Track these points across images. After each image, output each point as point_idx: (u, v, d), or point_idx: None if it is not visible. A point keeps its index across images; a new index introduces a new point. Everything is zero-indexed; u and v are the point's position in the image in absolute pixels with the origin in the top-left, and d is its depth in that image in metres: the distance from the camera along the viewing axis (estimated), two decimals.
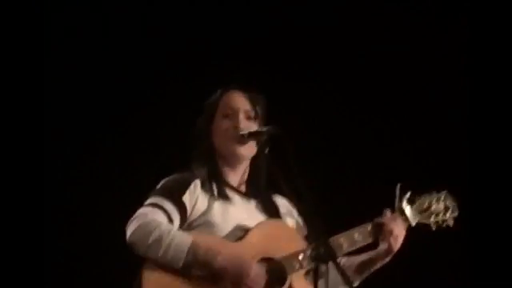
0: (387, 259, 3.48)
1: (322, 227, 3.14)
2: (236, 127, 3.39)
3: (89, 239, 4.72)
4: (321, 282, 3.07)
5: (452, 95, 4.50)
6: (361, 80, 4.99)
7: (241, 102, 3.45)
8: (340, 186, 4.82)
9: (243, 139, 3.36)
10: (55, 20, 4.55)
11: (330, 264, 3.13)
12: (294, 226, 3.49)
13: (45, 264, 4.02)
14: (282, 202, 3.55)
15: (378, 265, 3.49)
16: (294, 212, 3.55)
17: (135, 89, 4.89)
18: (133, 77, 4.88)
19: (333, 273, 3.19)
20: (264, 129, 3.33)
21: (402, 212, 3.51)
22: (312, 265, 3.27)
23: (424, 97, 4.87)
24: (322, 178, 4.59)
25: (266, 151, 3.30)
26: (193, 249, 3.16)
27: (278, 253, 3.30)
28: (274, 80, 4.71)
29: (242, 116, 3.42)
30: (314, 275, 3.05)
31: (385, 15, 4.93)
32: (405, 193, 3.53)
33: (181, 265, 3.16)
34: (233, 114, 3.42)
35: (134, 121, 4.89)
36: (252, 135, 3.35)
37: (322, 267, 3.09)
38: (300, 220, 3.52)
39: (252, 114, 3.44)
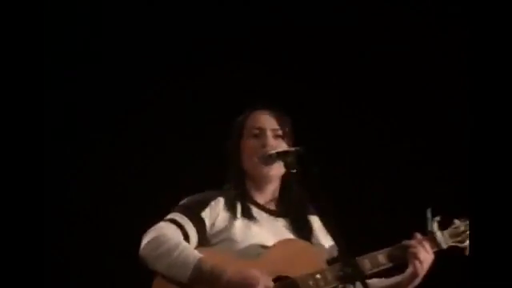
0: (415, 283, 3.40)
1: (347, 247, 3.10)
2: (264, 146, 3.38)
3: (93, 249, 4.73)
4: None
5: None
6: (390, 103, 4.92)
7: (268, 121, 3.45)
8: (372, 209, 4.74)
9: (271, 159, 3.35)
10: (55, 20, 4.59)
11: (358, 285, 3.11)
12: (326, 248, 3.43)
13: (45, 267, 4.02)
14: (318, 223, 3.50)
15: None
16: (328, 234, 3.46)
17: (140, 89, 4.88)
18: (157, 84, 4.88)
19: None
20: (292, 149, 3.31)
21: (432, 235, 3.43)
22: (330, 285, 3.23)
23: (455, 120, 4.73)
24: (353, 200, 4.52)
25: (294, 171, 3.25)
26: (199, 264, 3.14)
27: (295, 272, 3.25)
28: (301, 100, 4.67)
29: (269, 134, 3.42)
30: None
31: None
32: (435, 216, 3.45)
33: (186, 280, 3.14)
34: (260, 134, 3.42)
35: (139, 119, 4.89)
36: (280, 155, 3.32)
37: (350, 287, 3.07)
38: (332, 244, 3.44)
39: (279, 132, 3.44)
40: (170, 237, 3.20)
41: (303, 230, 3.44)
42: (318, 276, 3.24)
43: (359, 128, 4.88)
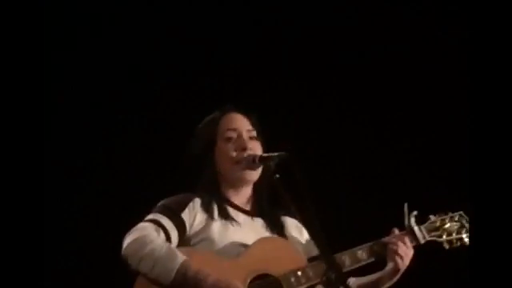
0: (395, 278, 3.43)
1: (329, 248, 3.09)
2: (244, 149, 3.35)
3: (85, 250, 4.72)
4: None
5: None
6: (369, 100, 4.96)
7: (242, 122, 3.43)
8: (350, 205, 4.76)
9: (254, 164, 3.33)
10: (56, 20, 4.60)
11: None
12: (302, 246, 3.45)
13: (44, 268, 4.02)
14: (290, 222, 3.51)
15: (387, 284, 3.44)
16: (304, 232, 3.51)
17: (140, 89, 4.88)
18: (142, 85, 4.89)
19: None
20: (275, 154, 3.25)
21: (410, 230, 3.46)
22: (311, 282, 3.25)
23: (439, 117, 4.81)
24: (329, 196, 4.53)
25: (277, 176, 3.19)
26: (183, 268, 3.12)
27: (277, 269, 3.25)
28: (267, 97, 4.68)
29: (245, 136, 3.39)
30: None
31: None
32: (412, 211, 3.48)
33: (169, 283, 3.12)
34: (237, 137, 3.39)
35: (138, 119, 4.89)
36: (262, 160, 3.30)
37: None
38: (310, 240, 3.46)
39: (254, 133, 3.42)
40: (153, 237, 3.17)
41: (278, 229, 3.44)
42: (299, 273, 3.25)
43: (339, 125, 4.92)
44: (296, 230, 3.50)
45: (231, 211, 3.39)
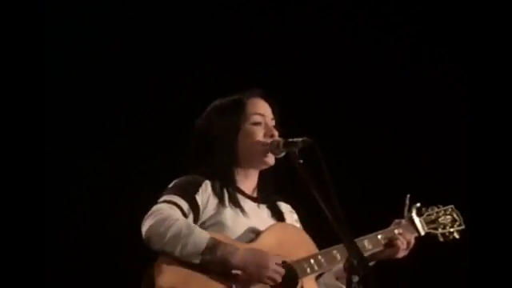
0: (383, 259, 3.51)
1: (351, 235, 3.12)
2: (272, 135, 3.37)
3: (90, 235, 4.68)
4: None
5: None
6: (372, 93, 5.04)
7: (267, 109, 3.44)
8: (348, 196, 4.81)
9: (278, 150, 3.34)
10: (56, 19, 4.51)
11: None
12: None
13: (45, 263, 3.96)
14: (284, 207, 3.56)
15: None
16: (295, 216, 3.57)
17: (140, 89, 4.87)
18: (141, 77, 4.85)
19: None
20: (300, 139, 3.28)
21: (412, 222, 3.56)
22: (323, 269, 3.32)
23: (436, 114, 4.90)
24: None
25: (301, 161, 3.23)
26: (211, 244, 3.14)
27: (289, 256, 3.30)
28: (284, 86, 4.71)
29: (270, 124, 3.41)
30: (347, 286, 3.04)
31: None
32: (414, 203, 3.57)
33: (198, 261, 3.13)
34: (263, 121, 3.40)
35: (137, 119, 4.87)
36: (287, 145, 3.32)
37: (355, 278, 3.04)
38: (300, 224, 3.55)
39: (274, 122, 3.44)
40: (175, 217, 3.17)
41: (278, 217, 3.49)
42: (312, 260, 3.31)
43: (350, 122, 4.99)
44: (290, 214, 3.55)
45: (240, 198, 3.41)
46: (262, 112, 3.41)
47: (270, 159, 3.38)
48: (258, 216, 3.42)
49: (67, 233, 4.64)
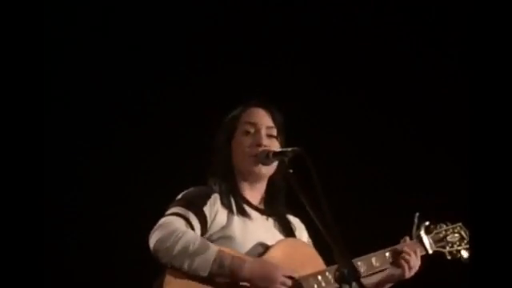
0: (395, 283, 3.52)
1: (342, 244, 3.08)
2: (259, 145, 3.35)
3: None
4: None
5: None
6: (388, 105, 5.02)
7: (263, 118, 3.42)
8: (357, 212, 4.82)
9: (267, 159, 3.33)
10: (56, 19, 4.52)
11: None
12: None
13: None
14: (294, 221, 3.55)
15: (386, 286, 3.52)
16: (305, 231, 3.55)
17: (140, 89, 4.85)
18: (150, 82, 4.84)
19: None
20: (289, 149, 3.26)
21: (420, 240, 3.55)
22: (331, 286, 3.27)
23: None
24: (340, 202, 4.59)
25: (291, 171, 3.20)
26: (219, 258, 3.13)
27: (297, 271, 3.28)
28: (293, 98, 4.67)
29: (263, 133, 3.38)
30: None
31: None
32: (423, 222, 3.57)
33: (206, 274, 3.13)
34: (255, 132, 3.38)
35: (143, 124, 4.86)
36: (276, 155, 3.30)
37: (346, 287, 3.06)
38: (310, 240, 3.53)
39: (274, 131, 3.41)
40: (183, 231, 3.16)
41: (287, 230, 3.48)
42: (320, 277, 3.29)
43: (354, 128, 4.96)
44: (300, 232, 3.54)
45: (247, 209, 3.39)
46: (254, 121, 3.40)
47: (262, 169, 3.36)
48: (267, 230, 3.41)
49: (67, 233, 4.65)
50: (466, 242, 3.63)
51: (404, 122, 5.00)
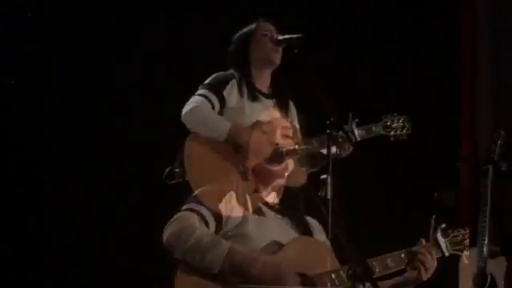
0: (412, 286, 3.50)
1: (356, 248, 3.10)
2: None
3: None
4: None
5: None
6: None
7: (272, 28, 4.28)
8: (375, 213, 4.80)
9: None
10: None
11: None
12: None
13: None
14: (313, 223, 3.57)
15: None
16: (323, 233, 3.55)
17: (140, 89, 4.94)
18: None
19: None
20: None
21: (437, 243, 3.54)
22: (345, 285, 3.26)
23: None
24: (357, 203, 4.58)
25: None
26: (230, 255, 3.17)
27: (311, 269, 3.29)
28: None
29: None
30: None
31: None
32: (439, 224, 3.56)
33: (217, 271, 3.16)
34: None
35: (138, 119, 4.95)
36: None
37: (359, 286, 3.06)
38: (328, 242, 3.48)
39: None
40: (196, 227, 3.21)
41: (306, 230, 3.50)
42: (333, 275, 3.30)
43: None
44: (317, 231, 3.55)
45: (264, 209, 3.44)
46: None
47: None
48: (280, 227, 3.44)
49: (67, 233, 4.64)
50: None
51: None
